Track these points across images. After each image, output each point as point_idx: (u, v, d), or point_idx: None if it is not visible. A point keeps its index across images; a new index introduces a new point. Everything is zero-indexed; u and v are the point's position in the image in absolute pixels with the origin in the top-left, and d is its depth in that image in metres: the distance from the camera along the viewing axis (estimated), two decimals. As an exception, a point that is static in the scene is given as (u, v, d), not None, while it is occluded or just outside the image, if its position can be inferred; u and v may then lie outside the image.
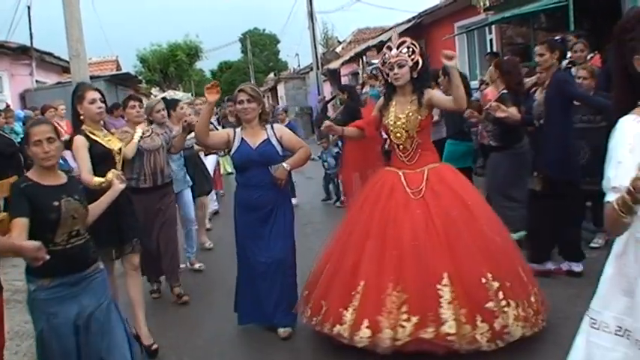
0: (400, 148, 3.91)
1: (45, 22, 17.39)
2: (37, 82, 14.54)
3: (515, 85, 5.29)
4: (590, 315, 1.95)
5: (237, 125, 4.30)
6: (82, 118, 3.91)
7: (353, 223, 3.96)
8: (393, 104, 3.95)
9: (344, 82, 21.51)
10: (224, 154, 7.55)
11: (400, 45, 3.87)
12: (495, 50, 11.47)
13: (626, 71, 1.86)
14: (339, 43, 31.27)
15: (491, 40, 12.42)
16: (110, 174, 3.52)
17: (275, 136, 4.13)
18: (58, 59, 15.46)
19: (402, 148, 3.90)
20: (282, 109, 11.28)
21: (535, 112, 4.83)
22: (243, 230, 4.19)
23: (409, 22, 15.33)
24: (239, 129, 4.20)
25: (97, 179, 3.65)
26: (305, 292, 4.11)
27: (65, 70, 14.99)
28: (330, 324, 3.68)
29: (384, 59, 3.96)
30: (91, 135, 3.89)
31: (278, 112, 10.23)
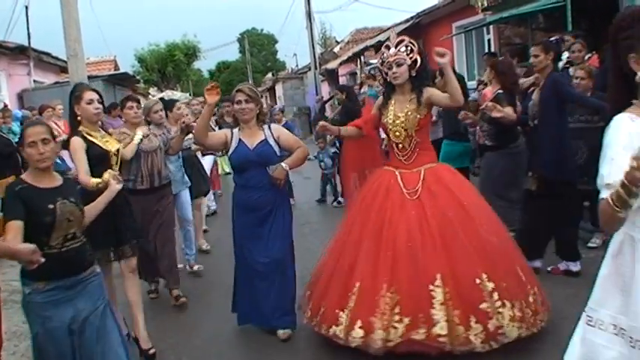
0: (399, 147, 3.91)
1: (43, 21, 17.44)
2: (34, 81, 14.53)
3: (511, 85, 5.30)
4: (587, 313, 1.96)
5: (234, 126, 4.27)
6: (79, 118, 3.90)
7: (351, 223, 3.97)
8: (392, 103, 3.94)
9: (342, 82, 21.49)
10: (222, 154, 7.53)
11: (398, 44, 3.86)
12: (493, 50, 11.47)
13: (622, 70, 1.86)
14: (337, 43, 31.26)
15: (489, 41, 12.43)
16: (107, 175, 3.50)
17: (272, 137, 4.11)
18: (55, 59, 15.45)
19: (401, 147, 3.90)
20: (279, 109, 11.29)
21: (530, 113, 4.85)
22: (241, 231, 4.17)
23: (407, 22, 15.32)
24: (236, 129, 4.17)
25: (94, 180, 3.65)
26: (307, 292, 4.12)
27: (63, 70, 15.00)
28: (327, 325, 3.70)
29: (382, 58, 3.95)
30: (88, 136, 3.87)
31: (275, 112, 10.22)
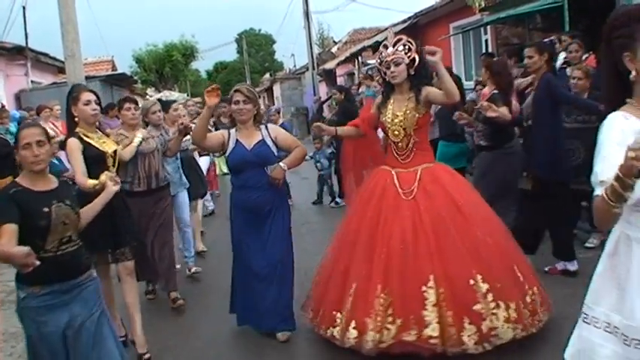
0: (398, 146, 3.89)
1: (40, 22, 17.37)
2: (32, 82, 14.48)
3: (506, 86, 5.31)
4: (584, 310, 1.97)
5: (231, 126, 4.25)
6: (76, 119, 3.89)
7: (348, 224, 3.98)
8: (390, 102, 3.93)
9: (339, 82, 21.48)
10: (220, 154, 7.52)
11: (396, 43, 3.86)
12: (491, 51, 11.46)
13: (616, 69, 1.86)
14: (334, 43, 31.30)
15: (487, 41, 12.43)
16: (103, 176, 3.46)
17: (270, 137, 4.10)
18: (53, 59, 15.40)
19: (400, 146, 3.89)
20: (275, 110, 11.25)
21: (524, 113, 4.86)
22: (240, 232, 4.16)
23: (405, 22, 15.31)
24: (233, 130, 4.15)
25: (91, 181, 3.63)
26: (310, 292, 4.13)
27: (60, 71, 14.96)
28: (326, 326, 3.73)
29: (380, 58, 3.95)
30: (85, 137, 3.86)
31: (271, 113, 10.17)
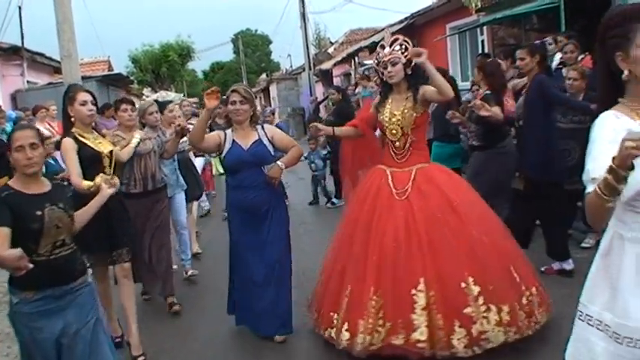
0: (395, 145, 3.89)
1: (36, 22, 17.32)
2: (28, 82, 14.43)
3: (498, 86, 5.32)
4: (579, 308, 1.98)
5: (226, 127, 4.25)
6: (72, 119, 3.87)
7: (345, 224, 3.99)
8: (388, 102, 3.94)
9: (336, 83, 21.49)
10: (216, 155, 7.51)
11: (393, 43, 3.86)
12: (487, 51, 11.48)
13: (609, 69, 1.87)
14: (331, 43, 31.29)
15: (483, 41, 12.44)
16: (98, 178, 3.43)
17: (266, 136, 4.11)
18: (49, 59, 15.35)
19: (397, 145, 3.89)
20: (270, 111, 11.26)
21: (516, 114, 4.87)
22: (237, 231, 4.15)
23: (401, 22, 15.32)
24: (229, 130, 4.14)
25: (86, 183, 3.61)
26: (314, 292, 4.16)
27: (57, 71, 14.89)
28: (324, 328, 3.77)
29: (377, 58, 3.96)
30: (80, 137, 3.84)
31: (266, 113, 10.18)
